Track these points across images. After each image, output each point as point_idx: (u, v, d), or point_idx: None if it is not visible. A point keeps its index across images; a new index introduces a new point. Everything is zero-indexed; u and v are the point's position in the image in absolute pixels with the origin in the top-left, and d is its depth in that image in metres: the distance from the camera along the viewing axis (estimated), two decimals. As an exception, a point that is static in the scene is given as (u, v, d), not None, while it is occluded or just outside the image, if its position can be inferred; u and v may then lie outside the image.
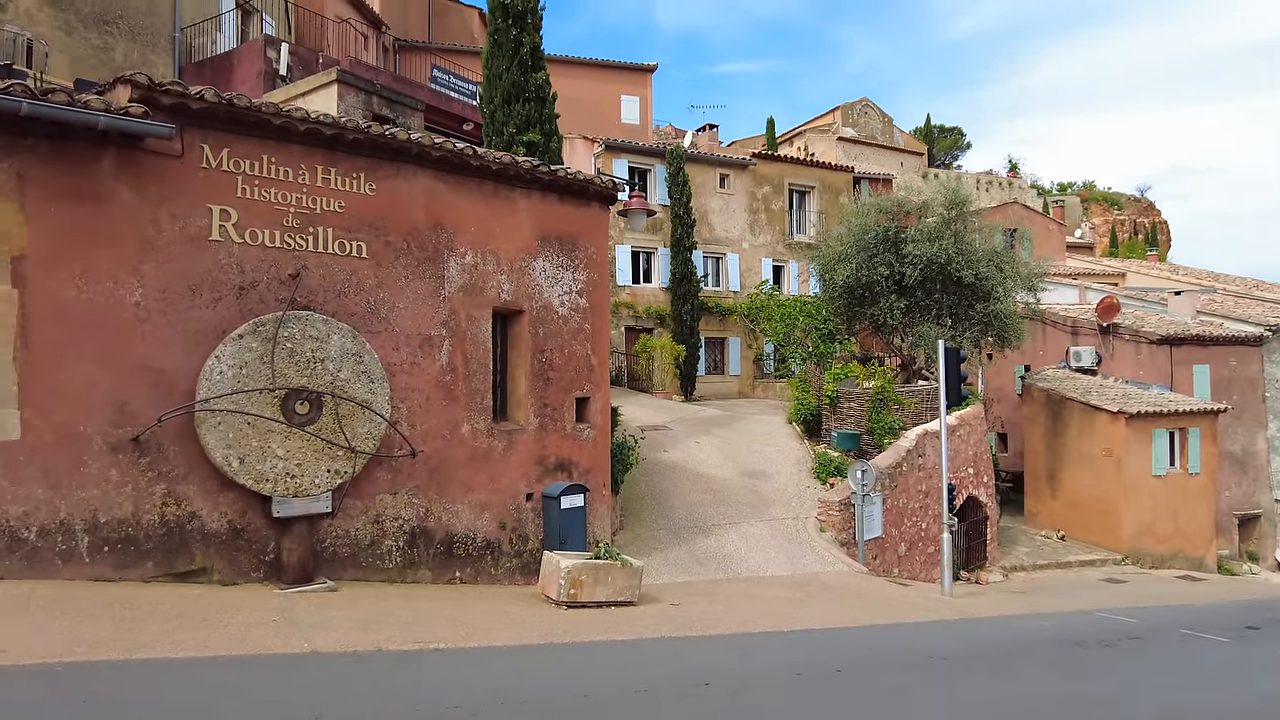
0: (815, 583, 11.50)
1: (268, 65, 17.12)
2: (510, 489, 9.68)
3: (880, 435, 16.83)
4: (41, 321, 6.53)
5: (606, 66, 31.01)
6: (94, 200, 6.80)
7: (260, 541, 7.63)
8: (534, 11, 13.16)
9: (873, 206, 21.02)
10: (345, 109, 12.83)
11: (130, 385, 6.93)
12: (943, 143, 63.40)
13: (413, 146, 8.59)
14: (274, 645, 5.74)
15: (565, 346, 10.34)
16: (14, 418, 6.43)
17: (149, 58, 17.61)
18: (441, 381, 9.06)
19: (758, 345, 25.66)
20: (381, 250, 8.55)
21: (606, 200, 10.97)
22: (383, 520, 8.50)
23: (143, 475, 7.00)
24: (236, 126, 7.50)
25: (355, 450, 8.05)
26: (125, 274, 6.92)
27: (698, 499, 13.98)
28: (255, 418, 7.41)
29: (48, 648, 5.03)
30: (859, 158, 42.52)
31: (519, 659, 6.34)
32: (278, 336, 7.56)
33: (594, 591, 8.36)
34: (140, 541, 7.00)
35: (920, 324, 19.64)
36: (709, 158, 26.09)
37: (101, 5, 16.72)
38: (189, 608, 6.41)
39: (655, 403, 20.76)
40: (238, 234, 7.50)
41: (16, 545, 6.42)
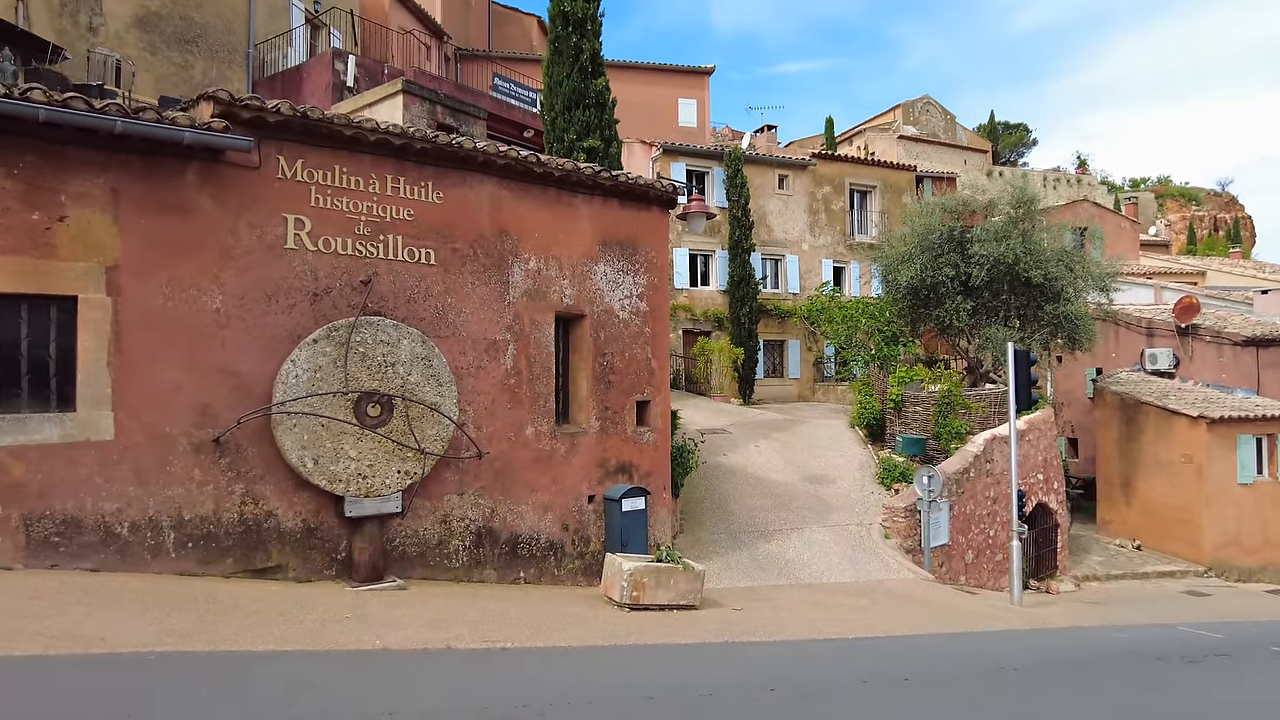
0: (880, 590, 11.31)
1: (335, 77, 17.67)
2: (572, 491, 9.77)
3: (946, 440, 16.47)
4: (132, 328, 6.87)
5: (663, 70, 31.09)
6: (179, 211, 7.12)
7: (333, 540, 7.87)
8: (594, 18, 13.29)
9: (937, 206, 20.60)
10: (410, 118, 13.15)
11: (212, 388, 7.23)
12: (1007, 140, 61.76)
13: (478, 155, 8.76)
14: (347, 642, 5.91)
15: (626, 350, 10.40)
16: (108, 419, 6.77)
17: (225, 74, 18.35)
18: (506, 385, 9.21)
19: (818, 348, 25.37)
20: (449, 257, 8.74)
21: (666, 204, 11.00)
22: (450, 520, 8.68)
23: (223, 475, 7.30)
24: (310, 138, 7.76)
25: (424, 452, 8.24)
26: (207, 282, 7.22)
27: (758, 503, 13.88)
28: (329, 420, 7.66)
29: (141, 637, 5.28)
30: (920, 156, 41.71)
31: (584, 660, 6.40)
32: (350, 341, 7.80)
33: (656, 594, 8.38)
34: (221, 538, 7.29)
35: (987, 326, 19.16)
36: (767, 159, 25.93)
37: (183, 26, 17.49)
38: (266, 603, 6.64)
39: (713, 406, 20.69)
40: (311, 242, 7.76)
41: (111, 540, 6.75)
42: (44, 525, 6.48)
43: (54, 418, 6.59)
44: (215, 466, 7.24)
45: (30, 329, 6.62)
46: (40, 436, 6.51)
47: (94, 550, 6.69)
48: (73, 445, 6.63)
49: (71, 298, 6.67)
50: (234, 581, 7.24)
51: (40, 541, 6.46)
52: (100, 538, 6.72)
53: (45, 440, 6.52)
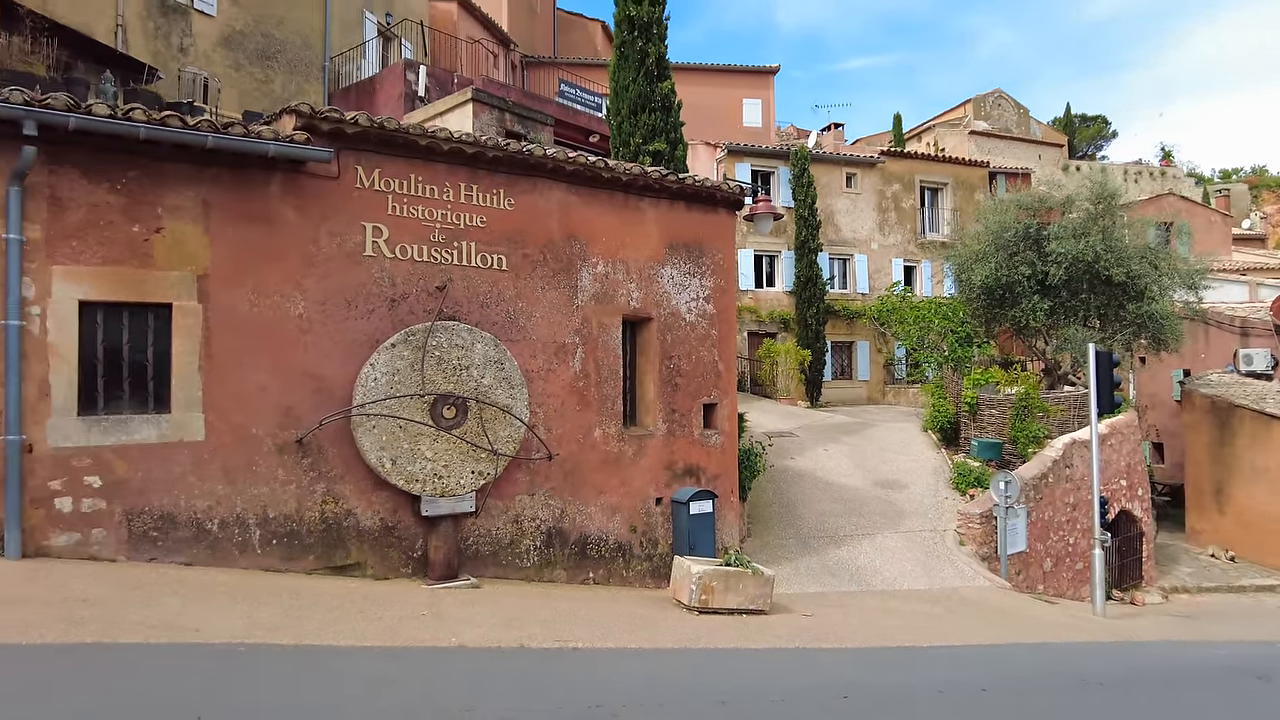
0: (955, 597, 11.03)
1: (407, 87, 18.14)
2: (640, 493, 9.82)
3: (1024, 444, 15.96)
4: (221, 333, 7.19)
5: (727, 71, 30.97)
6: (264, 221, 7.42)
7: (409, 539, 8.08)
8: (659, 22, 13.33)
9: (1012, 203, 20.00)
10: (480, 126, 13.43)
11: (295, 391, 7.51)
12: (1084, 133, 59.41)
13: (548, 162, 8.89)
14: (424, 639, 6.05)
15: (692, 353, 10.40)
16: (199, 420, 7.10)
17: (303, 87, 19.05)
18: (575, 387, 9.31)
19: (888, 349, 24.89)
20: (520, 262, 8.89)
21: (733, 206, 10.96)
22: (521, 520, 8.82)
23: (305, 474, 7.57)
24: (386, 148, 8.00)
25: (497, 453, 8.40)
26: (290, 288, 7.52)
27: (828, 508, 13.70)
28: (406, 421, 7.88)
29: (231, 630, 5.53)
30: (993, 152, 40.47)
31: (654, 662, 6.42)
32: (427, 345, 8.01)
33: (725, 599, 8.35)
34: (303, 536, 7.56)
35: (1066, 326, 18.50)
36: (834, 157, 25.57)
37: (264, 43, 18.23)
38: (346, 599, 6.86)
39: (780, 409, 20.50)
40: (389, 249, 8.00)
41: (202, 535, 7.08)
42: (143, 520, 6.84)
43: (151, 419, 6.95)
44: (298, 466, 7.53)
45: (130, 335, 7.00)
46: (140, 436, 6.87)
47: (187, 545, 7.02)
48: (168, 445, 6.98)
49: (167, 305, 7.02)
50: (315, 578, 7.50)
51: (140, 535, 6.82)
52: (193, 533, 7.05)
53: (144, 440, 6.89)
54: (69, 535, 6.56)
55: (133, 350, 7.01)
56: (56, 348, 6.58)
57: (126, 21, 15.48)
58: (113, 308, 6.88)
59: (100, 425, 6.74)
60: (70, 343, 6.64)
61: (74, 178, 6.64)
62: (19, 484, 6.30)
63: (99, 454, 6.70)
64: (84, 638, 4.95)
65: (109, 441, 6.75)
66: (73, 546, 6.56)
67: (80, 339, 6.70)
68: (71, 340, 6.64)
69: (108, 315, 6.88)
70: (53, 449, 6.53)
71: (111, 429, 6.77)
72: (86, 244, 6.69)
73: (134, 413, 6.95)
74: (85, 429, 6.67)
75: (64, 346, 6.61)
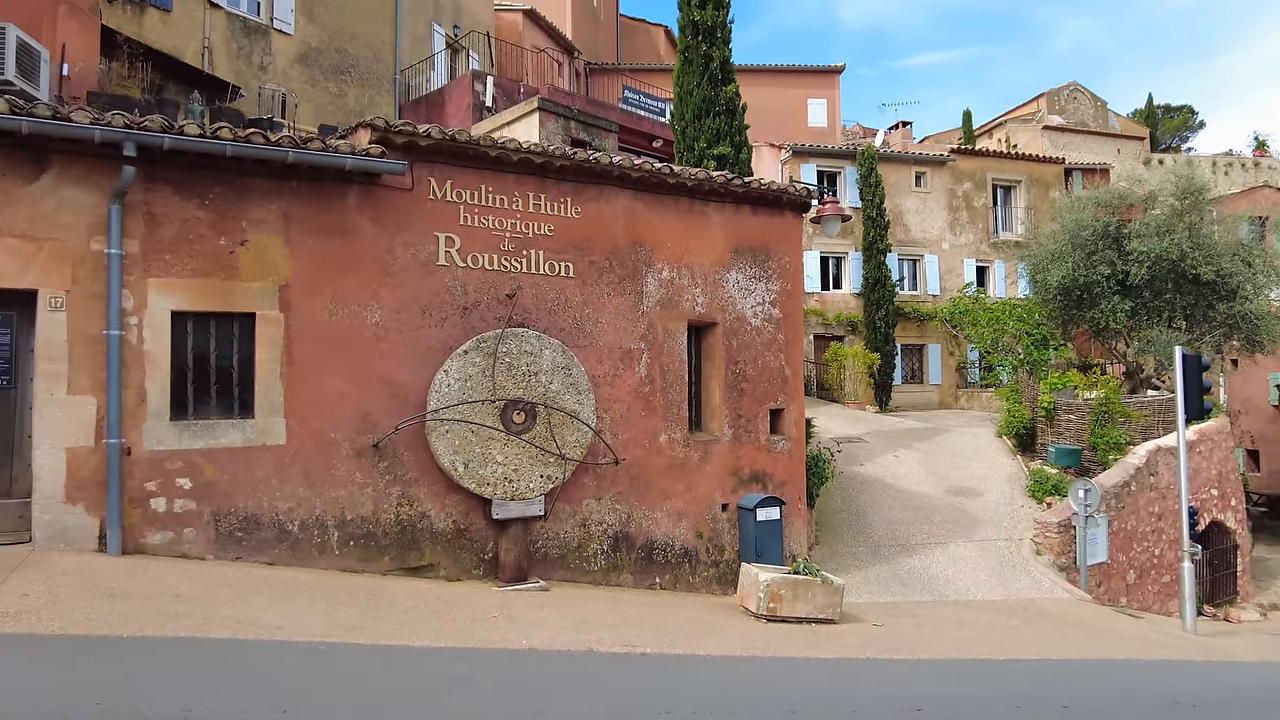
0: (1032, 609, 10.68)
1: (475, 98, 18.51)
2: (706, 499, 9.79)
3: (1104, 451, 15.35)
4: (302, 341, 7.47)
5: (791, 71, 30.70)
6: (341, 233, 7.68)
7: (481, 541, 8.24)
8: (723, 26, 13.32)
9: (1089, 200, 19.30)
10: (546, 135, 13.61)
11: (371, 397, 7.74)
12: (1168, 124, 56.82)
13: (614, 169, 8.97)
14: (495, 640, 6.17)
15: (758, 358, 10.33)
16: (281, 425, 7.39)
17: (375, 100, 19.61)
18: (640, 393, 9.36)
19: (960, 352, 24.27)
20: (586, 269, 8.99)
21: (800, 209, 10.86)
22: (589, 524, 8.90)
23: (381, 478, 7.80)
24: (458, 159, 8.19)
25: (565, 457, 8.50)
26: (367, 297, 7.76)
27: (898, 516, 13.42)
28: (478, 426, 8.05)
29: (312, 628, 5.73)
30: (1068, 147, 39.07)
31: (722, 669, 6.40)
32: (497, 352, 8.17)
33: (794, 607, 8.27)
34: (379, 538, 7.78)
35: (1149, 328, 17.75)
36: (902, 156, 25.08)
37: (338, 58, 18.86)
38: (420, 600, 7.03)
39: (848, 413, 20.18)
40: (461, 259, 8.19)
41: (284, 536, 7.36)
42: (229, 521, 7.14)
43: (237, 423, 7.26)
44: (374, 470, 7.75)
45: (217, 343, 7.32)
46: (226, 440, 7.19)
47: (270, 545, 7.31)
48: (252, 449, 7.28)
49: (250, 314, 7.33)
50: (391, 578, 7.71)
51: (226, 535, 7.13)
52: (275, 534, 7.33)
53: (230, 444, 7.20)
54: (163, 534, 6.90)
55: (219, 358, 7.34)
56: (152, 356, 6.93)
57: (212, 43, 16.21)
58: (201, 317, 7.21)
59: (190, 429, 7.08)
60: (163, 351, 6.99)
61: (167, 194, 7.00)
62: (119, 485, 6.66)
63: (189, 457, 7.03)
64: (179, 632, 5.21)
65: (198, 445, 7.07)
66: (166, 545, 6.90)
67: (172, 347, 7.04)
68: (165, 349, 6.99)
69: (197, 325, 7.22)
70: (148, 452, 6.88)
71: (200, 433, 7.10)
72: (178, 257, 7.03)
73: (220, 418, 7.27)
74: (177, 433, 7.01)
75: (158, 355, 6.96)
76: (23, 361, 6.66)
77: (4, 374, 6.61)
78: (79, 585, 5.81)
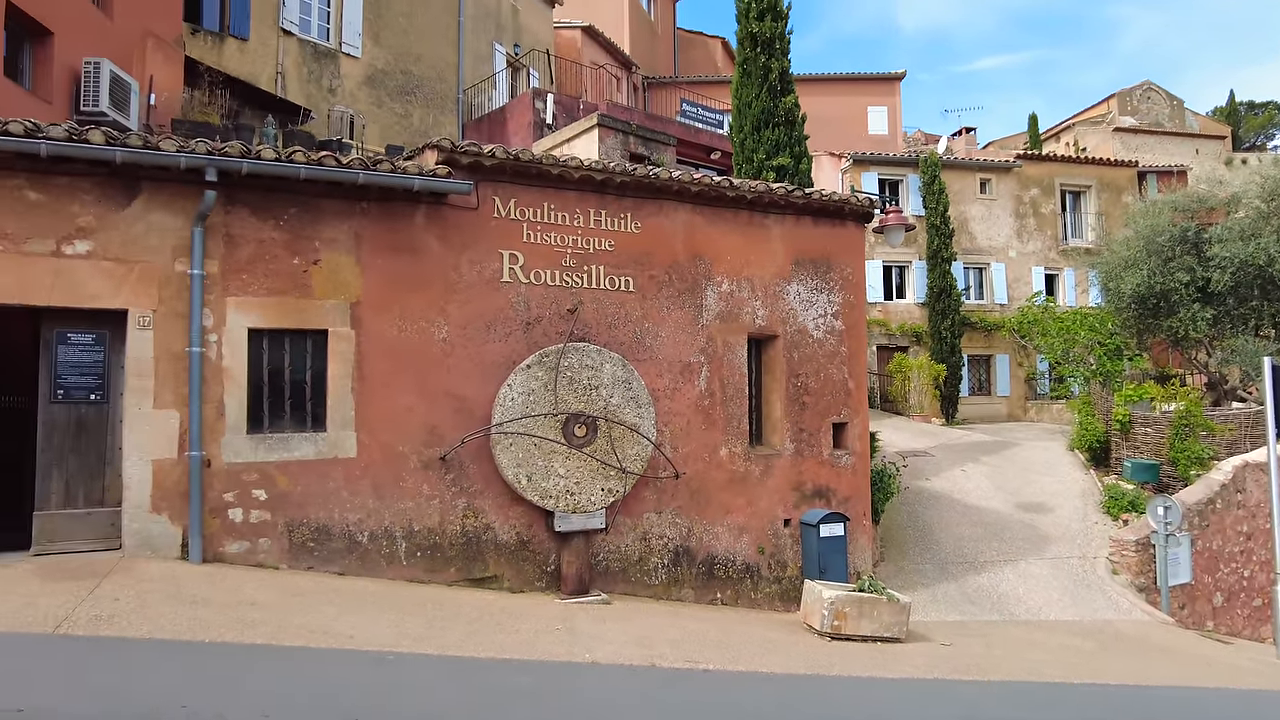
0: (1109, 631, 10.27)
1: (535, 115, 18.83)
2: (768, 514, 9.70)
3: (1185, 466, 14.69)
4: (372, 357, 7.68)
5: (850, 79, 30.41)
6: (410, 251, 7.89)
7: (543, 553, 8.32)
8: (782, 37, 13.27)
9: (1165, 204, 18.60)
10: (605, 150, 13.76)
11: (438, 411, 7.92)
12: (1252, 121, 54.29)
13: (674, 184, 9.01)
14: (558, 653, 6.22)
15: (820, 370, 10.21)
16: (352, 438, 7.60)
17: (439, 119, 20.12)
18: (700, 406, 9.34)
19: (1029, 363, 23.57)
20: (646, 283, 9.04)
21: (862, 219, 10.73)
22: (649, 538, 8.91)
23: (448, 490, 7.95)
24: (521, 178, 8.34)
25: (625, 471, 8.54)
26: (434, 314, 7.94)
27: (966, 532, 13.08)
28: (541, 439, 8.15)
29: (381, 638, 5.87)
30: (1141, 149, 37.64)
31: (786, 688, 6.32)
32: (559, 366, 8.27)
33: (858, 625, 8.12)
34: (445, 549, 7.93)
35: (1233, 337, 16.98)
36: (966, 163, 24.56)
37: (403, 80, 19.41)
38: (485, 611, 7.13)
39: (913, 426, 19.77)
40: (524, 275, 8.33)
41: (354, 547, 7.56)
42: (302, 531, 7.37)
43: (309, 436, 7.50)
44: (441, 482, 7.91)
45: (291, 359, 7.58)
46: (299, 453, 7.43)
47: (340, 555, 7.51)
48: (324, 461, 7.50)
49: (323, 331, 7.58)
50: (456, 589, 7.84)
51: (299, 546, 7.36)
52: (345, 544, 7.53)
53: (303, 457, 7.43)
54: (239, 543, 7.15)
55: (293, 373, 7.60)
56: (230, 372, 7.22)
57: (285, 69, 16.87)
58: (276, 334, 7.48)
59: (265, 442, 7.33)
60: (241, 367, 7.27)
61: (244, 216, 7.29)
62: (200, 496, 6.94)
63: (264, 469, 7.29)
64: (255, 639, 5.40)
65: (273, 458, 7.33)
66: (242, 554, 7.15)
67: (249, 363, 7.32)
68: (242, 365, 7.27)
69: (272, 341, 7.49)
70: (226, 464, 7.15)
71: (275, 446, 7.36)
72: (255, 276, 7.32)
73: (294, 431, 7.52)
74: (253, 446, 7.27)
75: (236, 370, 7.24)
76: (114, 377, 7.01)
77: (98, 389, 6.96)
78: (164, 591, 6.07)
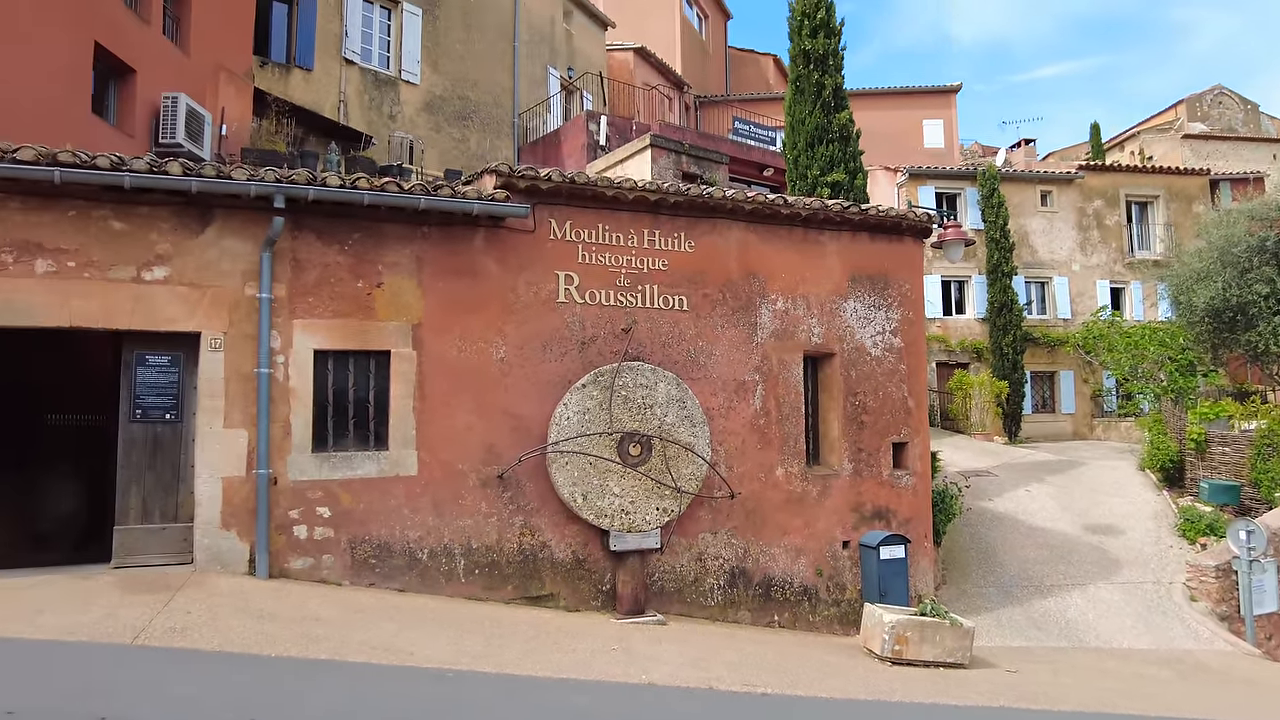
0: (1188, 661, 9.81)
1: (589, 137, 19.07)
2: (825, 535, 9.56)
3: (1268, 488, 14.00)
4: (432, 377, 7.84)
5: (904, 93, 30.10)
6: (469, 273, 8.05)
7: (599, 572, 8.34)
8: (835, 53, 13.25)
9: (1241, 213, 17.84)
10: (658, 170, 13.85)
11: (496, 430, 8.03)
12: (1335, 126, 51.91)
13: (727, 203, 9.03)
14: (615, 674, 6.20)
15: (879, 389, 10.06)
16: (413, 457, 7.75)
17: (495, 143, 20.51)
18: (755, 425, 9.28)
19: (1095, 379, 22.82)
20: (700, 302, 9.05)
21: (920, 234, 10.57)
22: (705, 558, 8.86)
23: (505, 508, 8.04)
24: (576, 200, 8.46)
25: (680, 490, 8.52)
26: (492, 334, 8.08)
27: (1031, 555, 12.67)
28: (595, 458, 8.20)
29: (441, 655, 5.94)
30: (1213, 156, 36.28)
31: (847, 713, 6.20)
32: (614, 385, 8.32)
33: (920, 650, 7.92)
34: (502, 566, 8.01)
35: (1318, 351, 16.15)
36: (1026, 175, 24.02)
37: (461, 105, 19.87)
38: (541, 630, 7.17)
39: (974, 445, 19.29)
40: (579, 295, 8.43)
41: (414, 564, 7.69)
42: (364, 548, 7.52)
43: (372, 455, 7.68)
44: (499, 500, 8.01)
45: (355, 379, 7.79)
46: (362, 471, 7.60)
47: (400, 572, 7.64)
48: (385, 479, 7.67)
49: (385, 352, 7.77)
50: (513, 607, 7.90)
51: (361, 562, 7.51)
52: (406, 561, 7.66)
53: (365, 475, 7.61)
54: (304, 560, 7.34)
55: (356, 393, 7.80)
56: (296, 392, 7.44)
57: (347, 96, 17.44)
58: (340, 355, 7.70)
59: (329, 461, 7.53)
60: (306, 387, 7.49)
61: (310, 241, 7.54)
62: (267, 513, 7.15)
63: (328, 487, 7.48)
64: (319, 654, 5.52)
65: (336, 476, 7.51)
66: (306, 570, 7.33)
67: (314, 384, 7.54)
68: (307, 385, 7.50)
69: (336, 362, 7.71)
70: (292, 482, 7.36)
71: (339, 464, 7.55)
72: (320, 299, 7.55)
73: (357, 449, 7.70)
74: (318, 464, 7.47)
75: (302, 390, 7.47)
76: (187, 397, 7.29)
77: (172, 409, 7.25)
78: (233, 606, 6.26)
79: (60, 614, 5.64)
